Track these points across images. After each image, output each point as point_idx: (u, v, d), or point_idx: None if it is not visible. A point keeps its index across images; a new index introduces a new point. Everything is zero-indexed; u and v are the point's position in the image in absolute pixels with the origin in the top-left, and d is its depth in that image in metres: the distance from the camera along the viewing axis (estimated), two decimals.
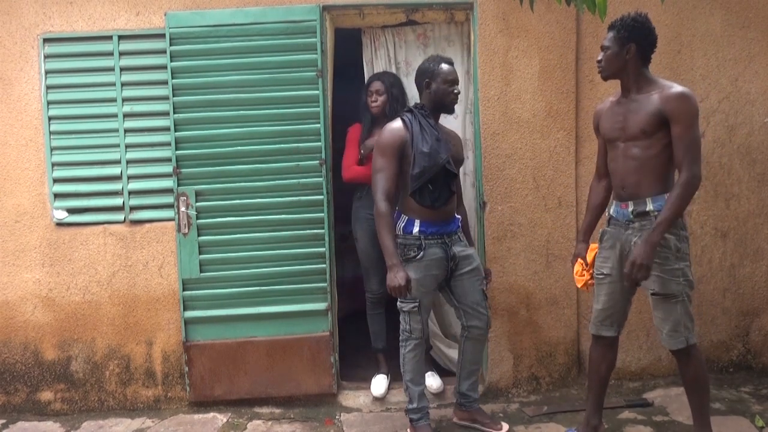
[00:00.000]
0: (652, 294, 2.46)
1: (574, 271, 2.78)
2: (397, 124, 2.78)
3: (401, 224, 2.79)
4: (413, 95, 3.21)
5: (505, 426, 2.94)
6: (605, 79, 2.56)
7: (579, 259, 2.76)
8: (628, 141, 2.48)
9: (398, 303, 2.82)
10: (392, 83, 3.28)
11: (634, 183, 2.48)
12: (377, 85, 3.26)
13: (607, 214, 2.66)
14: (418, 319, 2.79)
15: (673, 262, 2.41)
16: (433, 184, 2.72)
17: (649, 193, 2.45)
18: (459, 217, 2.94)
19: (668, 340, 2.46)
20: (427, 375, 3.28)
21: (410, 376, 2.86)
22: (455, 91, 2.80)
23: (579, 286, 2.78)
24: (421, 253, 2.74)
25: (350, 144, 3.40)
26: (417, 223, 2.75)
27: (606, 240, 2.62)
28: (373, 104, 3.27)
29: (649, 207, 2.44)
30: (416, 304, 2.77)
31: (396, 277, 2.63)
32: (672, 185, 2.46)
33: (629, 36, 2.43)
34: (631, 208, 2.49)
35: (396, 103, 3.24)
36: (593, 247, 2.72)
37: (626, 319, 2.69)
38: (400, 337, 2.86)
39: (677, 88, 2.40)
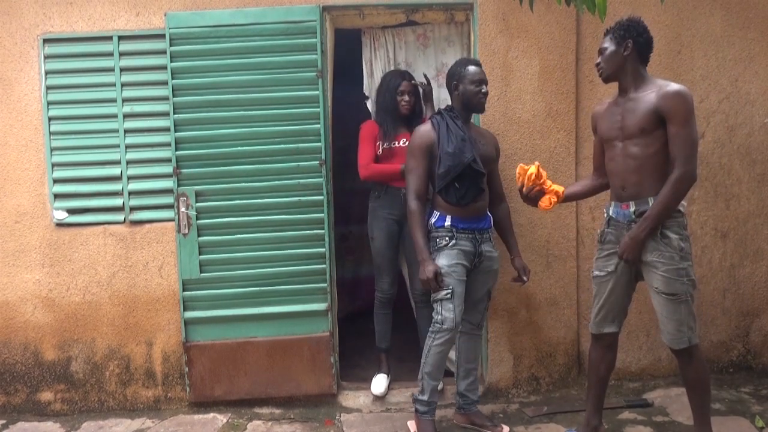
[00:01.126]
0: (657, 293, 2.46)
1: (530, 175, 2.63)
2: (426, 126, 2.89)
3: (433, 219, 2.86)
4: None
5: (506, 428, 2.94)
6: (606, 80, 2.58)
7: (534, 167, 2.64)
8: (626, 140, 2.49)
9: (432, 295, 2.82)
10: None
11: (634, 183, 2.48)
12: (407, 85, 3.24)
13: (605, 215, 2.66)
14: (450, 307, 2.76)
15: (677, 262, 2.42)
16: (459, 182, 2.78)
17: (651, 192, 2.45)
18: (490, 215, 2.96)
19: (671, 339, 2.46)
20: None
21: (430, 369, 2.82)
22: (483, 90, 2.86)
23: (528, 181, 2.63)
24: (453, 241, 2.80)
25: (365, 141, 3.31)
26: (448, 218, 2.82)
27: (607, 241, 2.62)
28: (404, 103, 3.24)
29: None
30: (449, 290, 2.76)
31: (426, 271, 2.73)
32: None
33: (625, 34, 2.48)
34: (632, 209, 2.49)
35: (420, 101, 3.31)
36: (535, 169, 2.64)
37: (626, 315, 2.69)
38: (431, 329, 2.81)
39: (674, 86, 2.42)
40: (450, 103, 2.97)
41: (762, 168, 3.40)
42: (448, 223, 2.82)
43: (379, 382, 3.34)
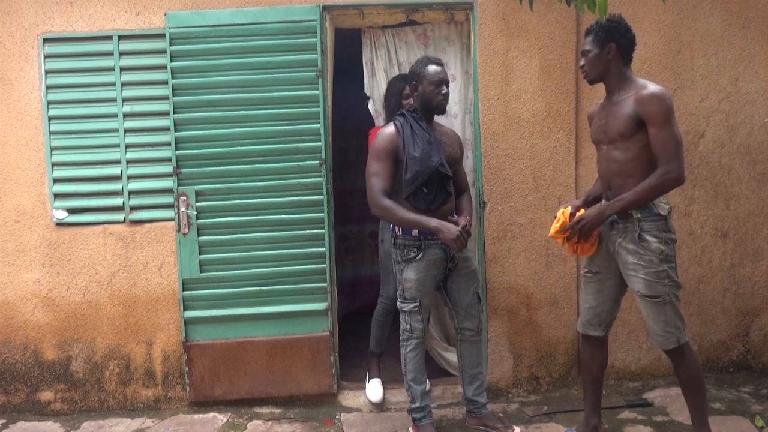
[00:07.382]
0: (640, 296, 2.48)
1: (556, 222, 2.60)
2: (389, 129, 2.80)
3: (400, 228, 2.79)
4: None
5: (517, 429, 2.91)
6: (591, 82, 2.60)
7: (566, 209, 2.63)
8: (609, 144, 2.52)
9: (398, 303, 2.85)
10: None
11: (618, 185, 2.50)
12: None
13: None
14: (419, 319, 2.81)
15: (657, 265, 2.43)
16: (427, 186, 2.73)
17: None
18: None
19: (660, 340, 2.49)
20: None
21: (412, 375, 2.87)
22: (443, 92, 2.79)
23: (554, 233, 2.60)
24: (421, 253, 2.76)
25: None
26: None
27: None
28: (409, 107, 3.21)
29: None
30: (417, 304, 2.79)
31: (450, 231, 2.62)
32: None
33: (607, 36, 2.48)
34: None
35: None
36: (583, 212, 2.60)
37: (614, 319, 2.70)
38: (401, 337, 2.87)
39: (650, 88, 2.41)
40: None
41: (762, 167, 3.40)
42: (415, 231, 2.75)
43: (375, 389, 3.29)
